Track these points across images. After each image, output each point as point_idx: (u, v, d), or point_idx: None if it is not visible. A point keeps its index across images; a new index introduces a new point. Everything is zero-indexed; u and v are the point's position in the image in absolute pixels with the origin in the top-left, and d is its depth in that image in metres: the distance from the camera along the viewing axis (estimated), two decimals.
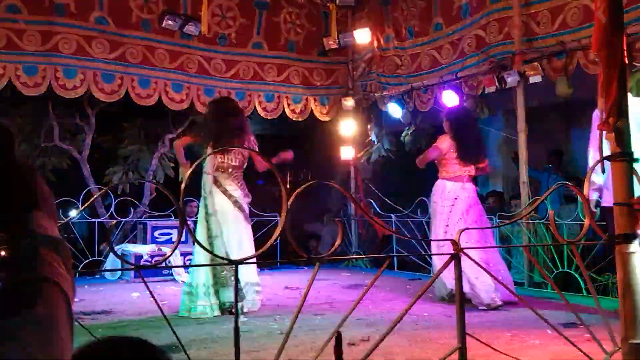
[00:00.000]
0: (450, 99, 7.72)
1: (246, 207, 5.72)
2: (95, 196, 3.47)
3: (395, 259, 8.53)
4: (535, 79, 6.73)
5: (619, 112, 2.82)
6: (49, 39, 7.24)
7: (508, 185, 9.44)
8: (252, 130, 12.53)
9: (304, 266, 8.82)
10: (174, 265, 7.34)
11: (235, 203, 5.59)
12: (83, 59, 7.44)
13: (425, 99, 8.26)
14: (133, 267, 2.04)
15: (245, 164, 5.78)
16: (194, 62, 8.25)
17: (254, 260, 5.05)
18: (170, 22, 7.80)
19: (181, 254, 7.81)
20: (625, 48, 2.87)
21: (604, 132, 2.89)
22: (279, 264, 8.79)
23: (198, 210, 5.83)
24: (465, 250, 2.84)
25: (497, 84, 7.00)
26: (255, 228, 8.49)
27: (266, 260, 7.71)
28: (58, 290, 0.82)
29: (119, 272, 7.75)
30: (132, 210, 8.57)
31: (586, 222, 3.10)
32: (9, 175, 0.90)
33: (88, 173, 8.79)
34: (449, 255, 2.80)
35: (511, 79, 6.82)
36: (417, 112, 8.62)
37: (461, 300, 2.73)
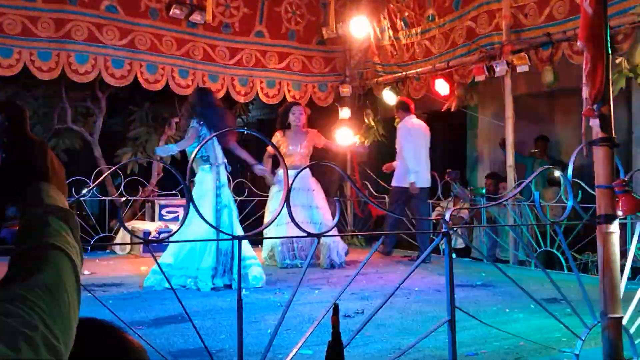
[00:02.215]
0: (441, 86, 7.70)
1: None
2: (104, 175, 3.46)
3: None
4: (522, 68, 6.70)
5: (603, 99, 2.81)
6: (62, 26, 7.17)
7: (495, 169, 9.43)
8: (255, 115, 12.58)
9: None
10: (180, 240, 7.32)
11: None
12: (94, 45, 7.37)
13: (418, 87, 8.23)
14: (142, 241, 2.03)
15: None
16: (199, 49, 8.19)
17: (253, 237, 5.08)
18: (177, 11, 7.73)
19: None
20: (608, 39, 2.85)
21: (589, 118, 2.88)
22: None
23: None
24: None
25: (486, 73, 6.97)
26: (255, 207, 8.56)
27: (265, 237, 7.70)
28: (66, 258, 0.81)
29: (128, 247, 7.75)
30: (140, 189, 8.55)
31: (569, 203, 3.10)
32: (21, 148, 0.89)
33: (99, 154, 8.76)
34: (441, 233, 2.80)
35: (500, 68, 6.79)
36: (410, 99, 8.57)
37: (451, 275, 2.73)
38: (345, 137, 9.12)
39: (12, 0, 6.92)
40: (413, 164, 7.03)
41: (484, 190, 7.71)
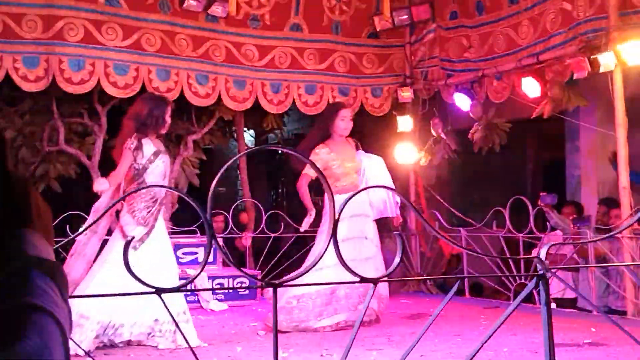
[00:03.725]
0: (530, 87, 7.62)
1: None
2: (107, 209, 3.53)
3: (466, 282, 8.43)
4: (635, 60, 6.59)
5: None
6: (52, 24, 7.37)
7: (604, 191, 9.25)
8: (291, 129, 12.71)
9: None
10: (200, 289, 7.39)
11: None
12: (91, 47, 7.55)
13: (500, 88, 8.16)
14: (153, 290, 2.03)
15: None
16: (221, 49, 8.32)
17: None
18: (192, 2, 7.88)
19: (209, 277, 7.86)
20: None
21: None
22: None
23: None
24: None
25: (588, 68, 6.88)
26: (295, 244, 8.59)
27: (307, 284, 7.70)
28: (52, 321, 0.82)
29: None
30: None
31: None
32: None
33: None
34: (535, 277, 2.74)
35: (606, 62, 6.69)
36: (489, 104, 8.53)
37: (550, 332, 2.67)
38: (407, 154, 9.10)
39: None
40: None
41: None
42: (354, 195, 2.64)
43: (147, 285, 2.11)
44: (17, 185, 0.94)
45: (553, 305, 6.10)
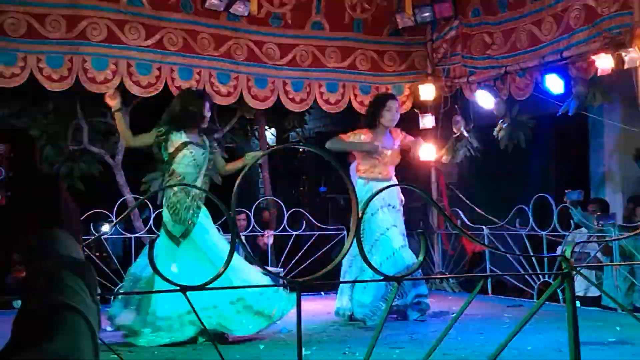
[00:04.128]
0: (554, 84, 7.57)
1: None
2: (131, 207, 3.54)
3: (489, 280, 8.39)
4: None
5: None
6: (75, 24, 7.42)
7: (628, 188, 9.18)
8: (312, 127, 12.69)
9: None
10: (225, 287, 7.40)
11: None
12: (115, 47, 7.60)
13: (523, 85, 8.10)
14: (178, 288, 2.04)
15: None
16: (243, 48, 8.33)
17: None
18: (214, 1, 7.90)
19: None
20: None
21: None
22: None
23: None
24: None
25: (612, 65, 6.82)
26: (317, 243, 8.58)
27: (330, 281, 7.70)
28: (83, 321, 0.82)
29: None
30: None
31: None
32: (30, 186, 0.91)
33: (123, 180, 8.96)
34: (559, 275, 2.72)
35: (630, 58, 6.63)
36: (512, 101, 8.48)
37: (575, 330, 2.64)
38: (429, 151, 9.07)
39: None
40: None
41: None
42: (376, 194, 2.64)
43: (173, 283, 2.13)
44: (47, 185, 0.94)
45: (577, 304, 6.07)
